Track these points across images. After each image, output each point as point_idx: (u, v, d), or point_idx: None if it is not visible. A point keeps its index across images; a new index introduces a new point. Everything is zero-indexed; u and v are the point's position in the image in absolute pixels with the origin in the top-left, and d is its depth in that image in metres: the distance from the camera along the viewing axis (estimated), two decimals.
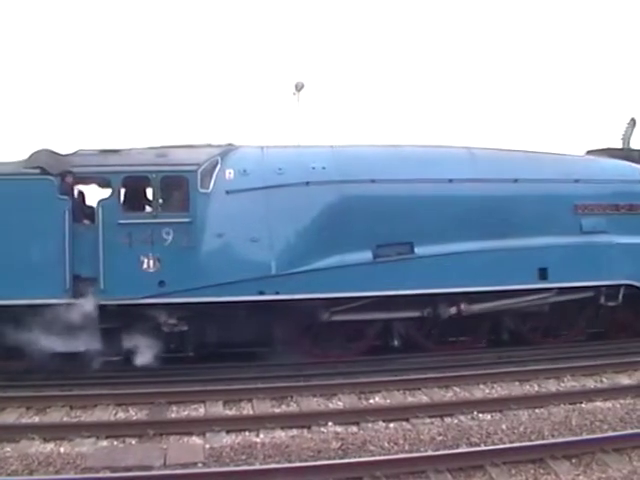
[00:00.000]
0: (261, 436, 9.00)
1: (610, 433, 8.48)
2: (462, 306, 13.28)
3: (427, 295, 13.10)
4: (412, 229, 13.09)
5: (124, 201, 12.52)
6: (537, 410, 9.95)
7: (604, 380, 11.94)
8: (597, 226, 14.14)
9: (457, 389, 11.37)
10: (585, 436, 8.40)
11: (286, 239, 12.72)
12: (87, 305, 11.94)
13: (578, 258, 13.79)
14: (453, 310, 13.33)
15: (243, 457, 7.95)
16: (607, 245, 14.04)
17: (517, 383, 11.67)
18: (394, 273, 12.94)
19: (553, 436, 8.47)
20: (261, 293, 12.46)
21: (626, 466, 7.54)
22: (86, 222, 12.40)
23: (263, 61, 50.91)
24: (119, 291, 12.03)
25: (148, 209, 12.90)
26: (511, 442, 8.27)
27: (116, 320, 12.23)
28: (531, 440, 8.34)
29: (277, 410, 10.38)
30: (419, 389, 11.33)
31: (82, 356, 12.21)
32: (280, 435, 9.00)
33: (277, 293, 12.50)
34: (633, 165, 15.23)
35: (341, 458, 7.82)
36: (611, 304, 14.05)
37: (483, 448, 8.01)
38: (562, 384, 11.70)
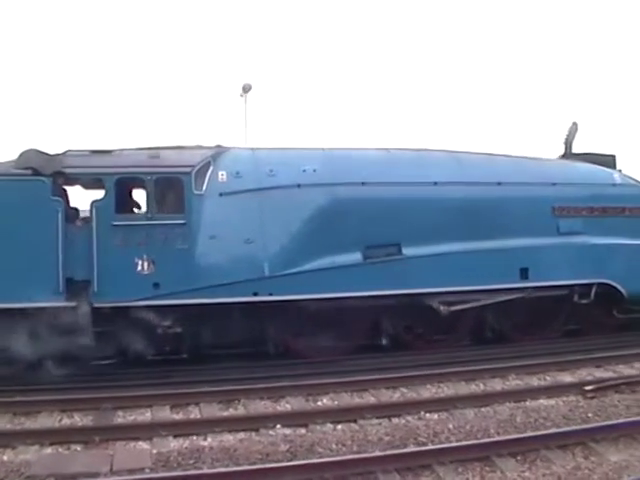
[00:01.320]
0: (209, 440, 8.94)
1: (554, 430, 8.60)
2: (441, 307, 13.59)
3: (415, 295, 13.42)
4: (400, 230, 13.39)
5: (118, 202, 12.36)
6: (483, 409, 10.09)
7: (547, 378, 12.14)
8: (573, 227, 14.72)
9: (404, 389, 11.44)
10: (529, 433, 8.51)
11: (279, 241, 12.85)
12: (81, 308, 11.86)
13: (556, 258, 14.31)
14: (441, 308, 13.62)
15: (191, 461, 7.88)
16: (583, 245, 14.63)
17: (463, 383, 11.79)
18: (383, 273, 13.19)
19: (499, 434, 8.58)
20: (255, 294, 12.56)
21: (570, 462, 7.68)
22: (79, 224, 12.27)
23: (211, 63, 50.74)
24: (113, 293, 11.97)
25: (142, 210, 12.90)
26: (458, 441, 8.34)
27: (110, 323, 12.18)
28: (477, 438, 8.42)
29: (225, 413, 10.31)
30: (367, 390, 11.37)
31: (74, 360, 12.01)
32: (228, 439, 8.96)
33: (270, 294, 12.62)
34: (606, 169, 15.90)
35: (289, 460, 7.79)
36: (584, 302, 14.58)
37: (430, 447, 8.06)
38: (507, 383, 11.88)
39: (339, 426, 9.40)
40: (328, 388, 11.35)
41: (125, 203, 12.77)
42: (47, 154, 12.41)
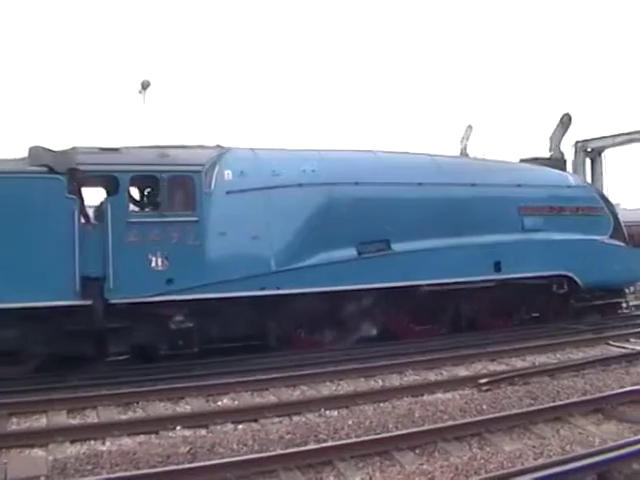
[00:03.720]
0: (107, 444, 8.71)
1: (450, 422, 8.78)
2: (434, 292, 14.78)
3: (403, 287, 14.40)
4: (389, 227, 14.42)
5: (132, 200, 12.80)
6: (382, 404, 10.19)
7: (444, 373, 12.42)
8: (536, 225, 16.28)
9: (304, 387, 11.48)
10: (427, 427, 8.66)
11: (283, 237, 13.51)
12: (98, 305, 12.05)
13: (522, 253, 15.80)
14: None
15: (89, 467, 7.66)
16: (544, 241, 16.18)
17: (362, 379, 11.91)
18: (375, 268, 14.12)
19: (397, 428, 8.69)
20: (262, 289, 13.14)
21: (467, 453, 7.86)
22: (94, 221, 12.52)
23: (108, 60, 49.75)
24: (128, 290, 12.18)
25: (153, 208, 13.13)
26: (358, 436, 8.40)
27: (125, 319, 12.36)
28: (377, 433, 8.51)
29: (123, 417, 10.07)
30: (267, 389, 11.36)
31: (89, 357, 12.47)
32: (127, 442, 8.75)
33: (278, 288, 13.27)
34: (562, 173, 18.21)
35: (190, 462, 7.69)
36: (549, 292, 16.44)
37: (331, 444, 8.09)
38: (405, 378, 12.07)
39: (240, 426, 9.34)
40: (228, 388, 11.27)
41: (140, 200, 13.16)
42: (58, 151, 12.49)
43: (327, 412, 9.89)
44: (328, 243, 13.75)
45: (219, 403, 10.75)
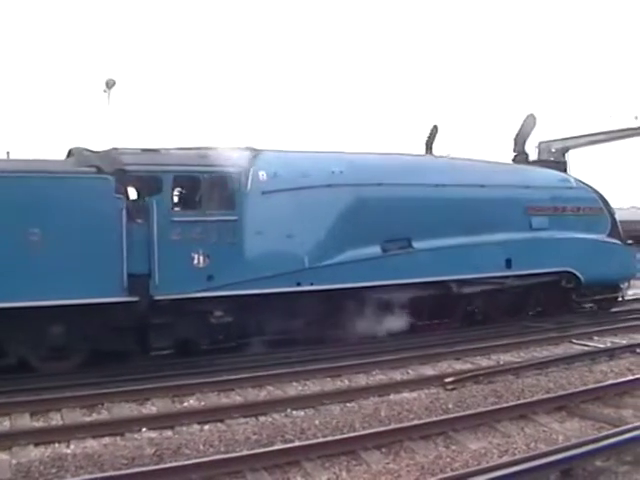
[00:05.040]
0: (72, 447, 8.61)
1: (416, 422, 8.81)
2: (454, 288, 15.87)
3: (423, 283, 15.26)
4: (410, 226, 15.25)
5: (175, 199, 13.26)
6: (348, 404, 10.22)
7: (410, 372, 12.50)
8: (542, 224, 17.41)
9: (271, 388, 11.47)
10: (393, 426, 8.68)
11: (315, 236, 14.21)
12: (144, 302, 12.49)
13: (531, 250, 16.87)
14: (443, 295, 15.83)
15: (53, 470, 7.55)
16: (550, 240, 17.30)
17: (329, 379, 11.93)
18: (398, 265, 14.92)
19: (364, 428, 8.69)
20: (298, 284, 13.84)
21: (432, 452, 7.89)
22: (139, 220, 12.72)
23: (73, 59, 49.15)
24: (172, 286, 12.65)
25: (193, 207, 13.50)
26: (324, 436, 8.39)
27: (168, 314, 12.82)
28: (343, 433, 8.51)
29: (88, 419, 9.97)
30: (233, 389, 11.33)
31: (133, 352, 13.04)
32: (92, 444, 8.67)
33: (311, 284, 13.95)
34: (564, 174, 19.30)
35: (156, 464, 7.62)
36: (554, 287, 17.49)
37: (297, 444, 8.09)
38: (371, 378, 12.12)
39: (206, 427, 9.29)
40: (194, 389, 11.21)
41: (182, 200, 13.54)
42: (102, 152, 13.04)
43: (294, 412, 9.89)
44: (355, 241, 14.49)
45: (185, 404, 10.69)
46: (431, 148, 18.66)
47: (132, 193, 13.42)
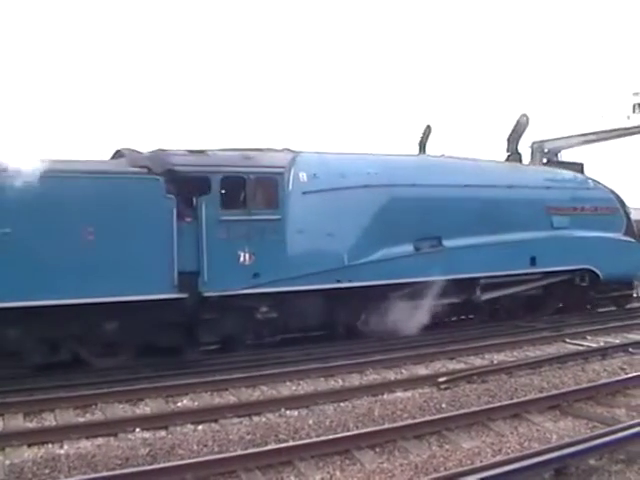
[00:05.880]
0: (65, 447, 8.59)
1: (410, 421, 8.83)
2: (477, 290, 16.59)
3: (453, 280, 15.73)
4: (440, 225, 15.83)
5: (222, 199, 13.43)
6: (342, 404, 10.22)
7: (403, 372, 12.51)
8: (562, 223, 18.10)
9: (264, 388, 11.47)
10: (387, 425, 8.69)
11: (352, 234, 14.75)
12: (193, 298, 12.96)
13: (553, 249, 17.52)
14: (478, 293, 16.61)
15: (47, 471, 7.54)
16: (570, 238, 18.01)
17: (322, 379, 11.96)
18: (429, 262, 15.44)
19: (357, 427, 8.70)
20: (338, 281, 14.38)
21: (426, 451, 7.90)
22: (188, 219, 13.16)
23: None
24: (220, 283, 13.13)
25: (238, 206, 13.78)
26: (318, 436, 8.40)
27: (216, 311, 13.39)
28: (337, 433, 8.52)
29: (81, 419, 9.96)
30: (227, 389, 11.33)
31: (182, 347, 13.48)
32: (85, 445, 8.65)
33: (350, 281, 14.49)
34: (581, 175, 19.89)
35: (150, 464, 7.62)
36: (574, 284, 18.15)
37: (291, 444, 8.08)
38: (365, 378, 12.13)
39: (200, 427, 9.29)
40: (188, 389, 11.22)
41: (229, 200, 13.66)
42: (150, 153, 13.44)
43: (287, 412, 9.89)
44: (390, 240, 15.07)
45: (179, 404, 10.69)
46: (424, 148, 18.70)
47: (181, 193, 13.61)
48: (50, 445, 8.70)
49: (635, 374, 11.16)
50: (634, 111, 19.57)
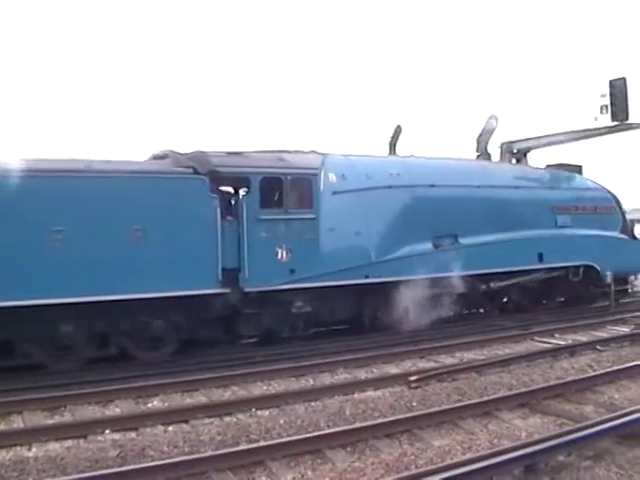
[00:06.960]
0: (34, 450, 8.50)
1: (381, 420, 8.85)
2: (491, 284, 17.52)
3: (468, 276, 16.60)
4: (456, 224, 16.69)
5: (261, 199, 13.99)
6: (313, 403, 10.25)
7: (374, 371, 12.55)
8: (565, 222, 19.16)
9: (235, 388, 11.46)
10: (358, 424, 8.70)
11: (379, 232, 15.55)
12: (235, 293, 13.56)
13: (558, 245, 18.55)
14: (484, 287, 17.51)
15: (15, 474, 7.46)
16: (573, 236, 19.04)
17: (293, 378, 11.97)
18: (448, 259, 16.23)
19: (329, 427, 8.72)
20: (366, 277, 15.14)
21: (397, 450, 7.93)
22: (229, 218, 13.73)
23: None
24: (260, 280, 13.82)
25: (275, 206, 14.34)
26: (289, 436, 8.40)
27: (255, 305, 14.08)
28: (308, 432, 8.52)
29: (50, 421, 9.85)
30: (197, 390, 11.29)
31: (222, 340, 14.41)
32: (55, 447, 8.57)
33: (378, 277, 15.33)
34: (581, 176, 20.92)
35: (120, 466, 7.56)
36: (575, 279, 19.15)
37: (262, 444, 8.07)
38: (336, 377, 12.16)
39: (170, 428, 9.25)
40: (158, 390, 11.17)
41: (267, 199, 14.20)
42: (192, 154, 13.87)
43: (258, 412, 9.89)
44: (411, 237, 15.88)
45: (149, 405, 10.64)
46: (394, 148, 18.76)
47: (222, 193, 14.21)
48: (18, 448, 8.60)
49: (602, 371, 11.30)
50: (601, 112, 19.80)
